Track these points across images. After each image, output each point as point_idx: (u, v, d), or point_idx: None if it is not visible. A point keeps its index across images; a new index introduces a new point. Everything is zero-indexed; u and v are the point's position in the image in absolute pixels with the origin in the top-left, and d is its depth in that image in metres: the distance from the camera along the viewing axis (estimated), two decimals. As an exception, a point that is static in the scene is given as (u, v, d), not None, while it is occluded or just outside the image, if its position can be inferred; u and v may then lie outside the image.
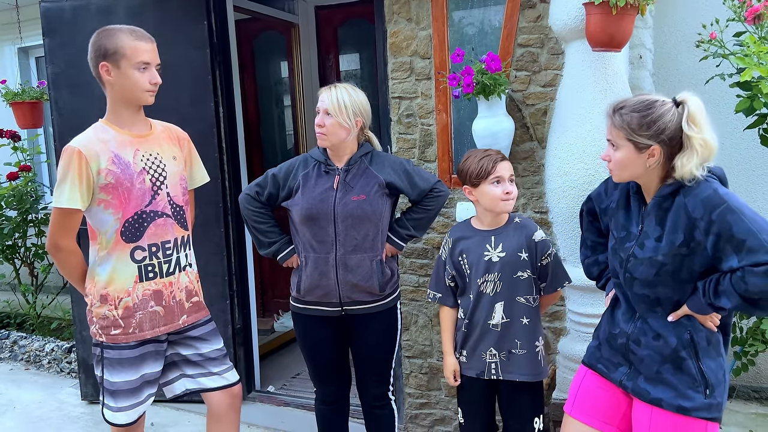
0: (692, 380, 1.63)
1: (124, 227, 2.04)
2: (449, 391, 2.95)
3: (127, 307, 2.06)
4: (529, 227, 2.15)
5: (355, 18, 4.49)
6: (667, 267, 1.62)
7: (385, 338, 2.35)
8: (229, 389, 2.21)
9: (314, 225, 2.24)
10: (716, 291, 1.56)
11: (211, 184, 3.28)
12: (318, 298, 2.29)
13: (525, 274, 2.10)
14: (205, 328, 2.23)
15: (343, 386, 2.47)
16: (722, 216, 1.51)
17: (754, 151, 3.13)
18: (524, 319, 2.10)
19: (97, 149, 2.01)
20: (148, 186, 2.07)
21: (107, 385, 2.08)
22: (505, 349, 2.10)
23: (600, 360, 1.83)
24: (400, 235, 2.33)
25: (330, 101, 2.20)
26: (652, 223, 1.66)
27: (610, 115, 1.67)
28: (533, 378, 2.11)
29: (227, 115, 3.36)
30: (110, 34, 2.02)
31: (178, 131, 2.27)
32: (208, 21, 3.21)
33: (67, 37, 3.33)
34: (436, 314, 2.93)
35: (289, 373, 3.88)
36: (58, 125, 3.40)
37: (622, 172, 1.69)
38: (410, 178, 2.27)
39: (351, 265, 2.23)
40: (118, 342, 2.07)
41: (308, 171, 2.29)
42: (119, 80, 2.03)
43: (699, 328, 1.65)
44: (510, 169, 2.11)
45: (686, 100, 1.60)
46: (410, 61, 2.82)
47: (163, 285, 2.11)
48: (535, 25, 2.59)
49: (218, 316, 3.35)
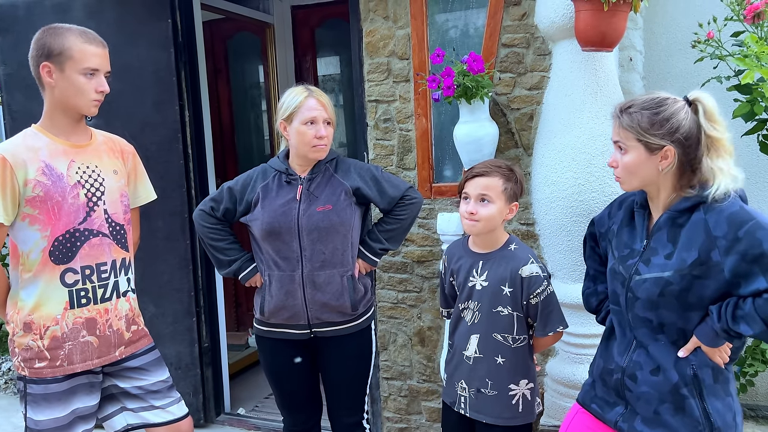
0: (695, 423, 1.45)
1: (54, 246, 1.83)
2: (430, 415, 2.76)
3: (54, 336, 1.84)
4: (518, 259, 1.86)
5: (334, 18, 4.32)
6: (673, 287, 1.44)
7: (358, 363, 2.16)
8: (176, 426, 2.01)
9: (277, 240, 2.05)
10: (734, 316, 1.38)
11: (176, 193, 3.13)
12: (284, 320, 2.10)
13: (506, 311, 1.85)
14: (146, 357, 2.02)
15: (314, 414, 2.27)
16: (751, 233, 1.35)
17: (750, 157, 2.99)
18: (499, 358, 1.86)
19: (25, 157, 1.81)
20: (83, 201, 1.87)
21: (31, 425, 1.85)
22: (474, 386, 1.89)
23: (594, 399, 1.64)
24: (373, 249, 2.14)
25: (329, 109, 2.06)
26: (663, 239, 1.49)
27: (617, 116, 1.50)
28: (504, 422, 1.87)
29: (194, 120, 3.16)
30: (57, 32, 1.83)
31: (122, 143, 2.07)
32: (173, 19, 3.02)
33: (21, 36, 3.11)
34: (416, 333, 2.74)
35: (262, 393, 3.66)
36: (11, 129, 3.20)
37: (632, 179, 1.51)
38: (378, 185, 2.10)
39: (319, 282, 2.04)
40: (43, 376, 1.85)
41: (267, 182, 2.11)
42: (61, 84, 1.82)
43: (705, 362, 1.46)
44: (484, 187, 1.84)
45: (699, 98, 1.45)
46: (387, 62, 2.64)
47: (97, 312, 1.90)
48: (520, 24, 2.41)
49: (184, 334, 3.16)
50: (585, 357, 2.32)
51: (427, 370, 2.74)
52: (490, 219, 1.84)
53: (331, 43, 4.42)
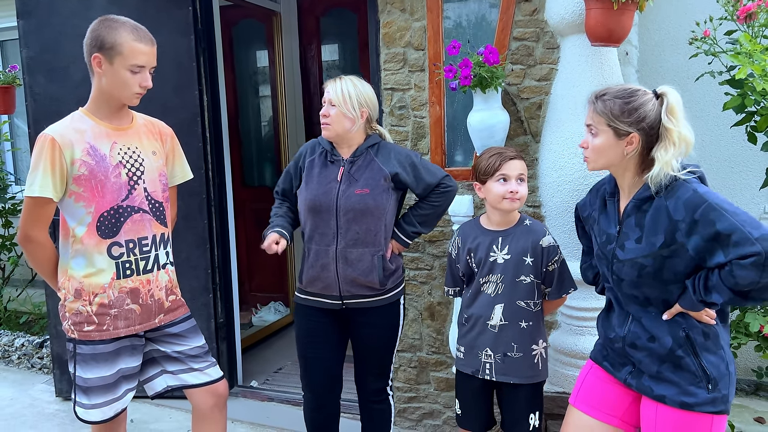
0: (693, 376, 1.64)
1: (99, 222, 1.97)
2: (438, 384, 2.95)
3: (101, 303, 1.99)
4: (537, 232, 2.09)
5: (339, 7, 4.44)
6: (648, 269, 1.63)
7: (386, 333, 2.31)
8: (213, 387, 2.15)
9: (316, 216, 2.20)
10: (706, 287, 1.57)
11: (195, 174, 3.20)
12: (319, 290, 2.25)
13: (528, 279, 2.07)
14: (184, 325, 2.16)
15: (334, 388, 2.38)
16: (705, 214, 1.52)
17: (734, 148, 3.21)
18: (523, 323, 2.07)
19: (72, 139, 1.93)
20: (124, 180, 2.00)
21: (80, 382, 2.00)
22: (500, 352, 2.08)
23: (606, 358, 1.84)
24: (406, 232, 2.29)
25: (334, 92, 2.18)
26: (632, 224, 1.67)
27: (592, 101, 1.68)
28: (528, 380, 2.09)
29: (211, 104, 3.28)
30: (112, 26, 1.94)
31: (161, 126, 2.19)
32: (193, 6, 3.13)
33: (44, 19, 3.20)
34: (426, 308, 2.91)
35: (271, 368, 3.83)
36: (33, 111, 3.26)
37: (598, 159, 1.70)
38: (416, 172, 2.23)
39: (351, 258, 2.19)
40: (91, 338, 1.99)
41: (314, 158, 2.27)
42: (109, 76, 1.95)
43: (694, 324, 1.65)
44: (521, 168, 2.07)
45: (666, 92, 1.62)
46: (404, 52, 2.79)
47: (140, 283, 2.04)
48: (531, 19, 2.58)
49: (201, 310, 3.29)
50: (586, 329, 2.51)
51: (437, 343, 2.92)
52: (525, 198, 2.07)
53: (335, 32, 4.54)
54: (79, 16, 3.05)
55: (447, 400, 2.93)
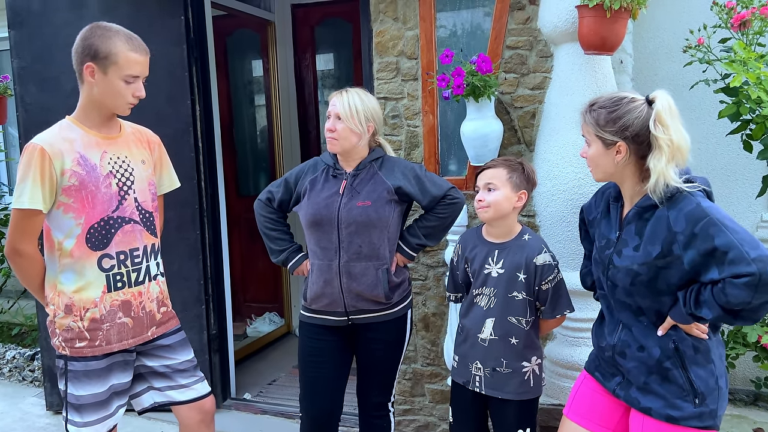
0: (680, 390, 1.61)
1: (89, 234, 1.92)
2: (433, 397, 2.91)
3: (93, 318, 1.94)
4: (532, 248, 2.02)
5: (333, 17, 4.43)
6: (641, 277, 1.60)
7: (392, 347, 2.26)
8: (200, 404, 2.11)
9: (318, 230, 2.16)
10: (697, 301, 1.54)
11: (187, 184, 3.21)
12: (324, 306, 2.20)
13: (520, 296, 2.01)
14: (175, 337, 2.13)
15: (335, 410, 2.28)
16: (705, 229, 1.49)
17: (730, 156, 3.19)
18: (513, 339, 2.02)
19: (62, 148, 1.88)
20: (115, 190, 1.96)
21: (71, 400, 1.95)
22: (489, 366, 2.03)
23: (597, 368, 1.82)
24: (410, 244, 2.24)
25: (341, 106, 2.14)
26: (632, 232, 1.65)
27: (583, 113, 1.67)
28: (518, 396, 2.03)
29: (204, 114, 3.26)
30: (105, 35, 1.89)
31: (148, 134, 2.16)
32: (185, 16, 3.11)
33: (35, 29, 3.18)
34: (420, 319, 2.88)
35: (265, 380, 3.78)
36: (24, 122, 3.24)
37: (596, 170, 1.69)
38: (421, 184, 2.18)
39: (355, 273, 2.14)
40: (83, 355, 1.95)
41: (316, 176, 2.22)
42: (102, 85, 1.91)
43: (684, 337, 1.62)
44: (490, 176, 2.03)
45: (655, 98, 1.58)
46: (396, 62, 2.77)
47: (131, 295, 2.00)
48: (524, 27, 2.57)
49: (193, 322, 3.25)
50: (582, 340, 2.48)
51: (431, 354, 2.89)
52: (497, 204, 2.00)
53: (330, 41, 4.53)
54: (70, 27, 2.99)
55: (442, 412, 2.89)
